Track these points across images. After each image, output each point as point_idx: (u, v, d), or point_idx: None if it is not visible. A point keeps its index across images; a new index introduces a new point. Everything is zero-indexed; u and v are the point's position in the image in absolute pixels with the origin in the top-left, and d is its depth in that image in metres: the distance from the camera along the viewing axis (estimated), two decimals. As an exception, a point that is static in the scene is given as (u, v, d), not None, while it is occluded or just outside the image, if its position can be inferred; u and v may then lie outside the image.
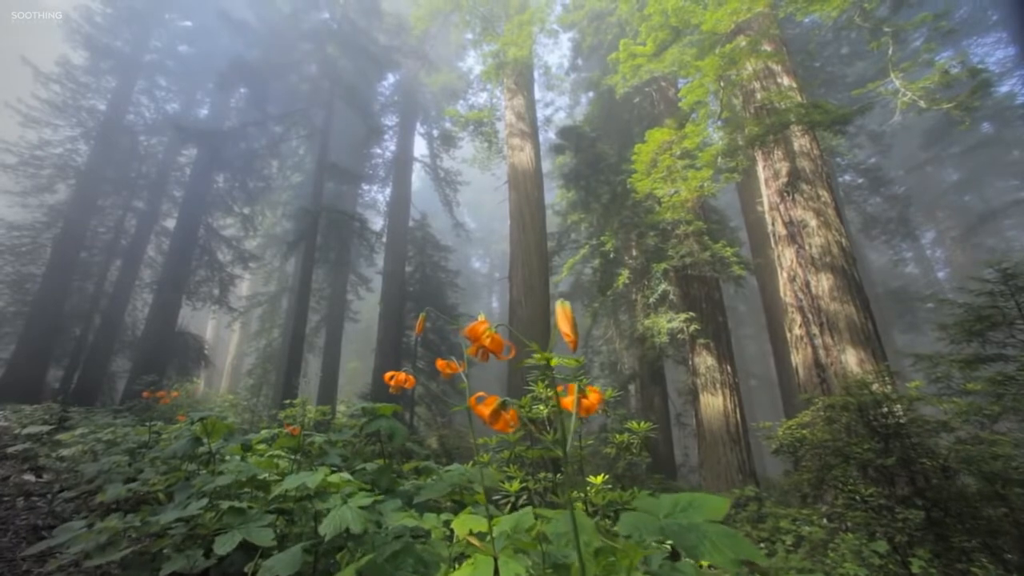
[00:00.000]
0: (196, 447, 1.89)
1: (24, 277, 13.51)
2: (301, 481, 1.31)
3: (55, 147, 14.58)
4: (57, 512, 2.19)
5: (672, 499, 0.77)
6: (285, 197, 18.65)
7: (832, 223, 6.77)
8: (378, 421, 1.63)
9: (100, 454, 2.60)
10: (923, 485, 2.41)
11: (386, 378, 1.46)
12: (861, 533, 2.29)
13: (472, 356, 1.03)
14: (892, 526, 2.16)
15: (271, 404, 12.17)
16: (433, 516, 1.28)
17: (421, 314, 1.30)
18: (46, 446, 3.01)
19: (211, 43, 15.40)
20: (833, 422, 2.99)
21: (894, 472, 2.50)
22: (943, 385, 3.19)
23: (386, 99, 18.31)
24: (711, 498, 0.75)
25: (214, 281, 14.60)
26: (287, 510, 1.48)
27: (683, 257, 9.22)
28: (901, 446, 2.54)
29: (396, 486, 1.52)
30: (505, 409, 0.95)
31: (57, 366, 12.44)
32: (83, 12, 14.64)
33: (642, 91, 12.03)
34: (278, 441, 1.79)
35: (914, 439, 2.59)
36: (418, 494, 1.44)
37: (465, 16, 12.56)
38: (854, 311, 6.08)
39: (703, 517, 0.70)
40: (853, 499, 2.44)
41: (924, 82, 6.47)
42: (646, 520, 0.73)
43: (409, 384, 1.42)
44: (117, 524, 1.48)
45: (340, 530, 1.18)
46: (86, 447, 2.66)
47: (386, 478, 1.50)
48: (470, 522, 1.11)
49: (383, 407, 1.68)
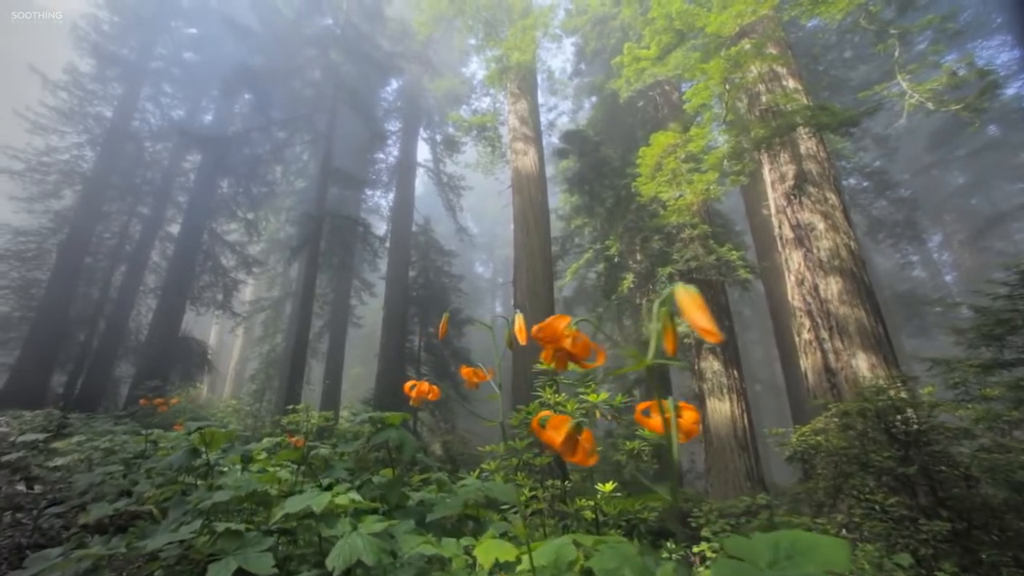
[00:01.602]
0: (193, 458, 1.80)
1: (30, 282, 13.56)
2: (305, 504, 1.22)
3: (62, 153, 14.70)
4: (44, 529, 2.11)
5: (770, 540, 0.61)
6: (289, 202, 18.71)
7: (840, 226, 6.69)
8: (386, 432, 1.54)
9: (96, 463, 2.54)
10: (944, 495, 2.33)
11: (406, 388, 1.36)
12: (881, 544, 2.21)
13: (547, 363, 0.82)
14: (915, 538, 2.08)
15: (274, 409, 12.12)
16: (452, 542, 1.18)
17: (444, 314, 1.21)
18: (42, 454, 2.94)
19: (216, 50, 15.53)
20: (849, 428, 2.90)
21: (915, 481, 2.42)
22: (960, 391, 3.11)
23: (389, 104, 18.39)
24: (821, 540, 0.58)
25: (218, 286, 14.62)
26: (289, 529, 1.38)
27: (688, 261, 9.14)
28: (922, 454, 2.45)
29: (406, 500, 1.44)
30: (580, 433, 0.76)
31: (61, 371, 12.45)
32: (91, 21, 14.81)
33: (646, 95, 12.01)
34: (280, 454, 1.70)
35: (935, 447, 2.51)
36: (431, 510, 1.35)
37: (468, 21, 12.61)
38: (864, 315, 5.99)
39: (818, 567, 0.54)
40: (872, 509, 2.36)
41: (932, 84, 6.41)
42: (746, 573, 0.56)
43: (433, 396, 1.31)
44: (99, 551, 1.35)
45: (351, 562, 1.08)
46: (83, 455, 2.59)
47: (395, 493, 1.41)
48: (495, 549, 0.99)
49: (391, 416, 1.61)
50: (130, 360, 13.71)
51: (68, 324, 12.58)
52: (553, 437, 0.74)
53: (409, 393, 1.32)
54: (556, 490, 2.89)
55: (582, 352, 0.78)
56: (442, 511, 1.26)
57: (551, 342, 0.78)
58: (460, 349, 14.43)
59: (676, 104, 11.70)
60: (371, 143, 15.65)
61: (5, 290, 13.37)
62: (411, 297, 14.44)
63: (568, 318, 0.78)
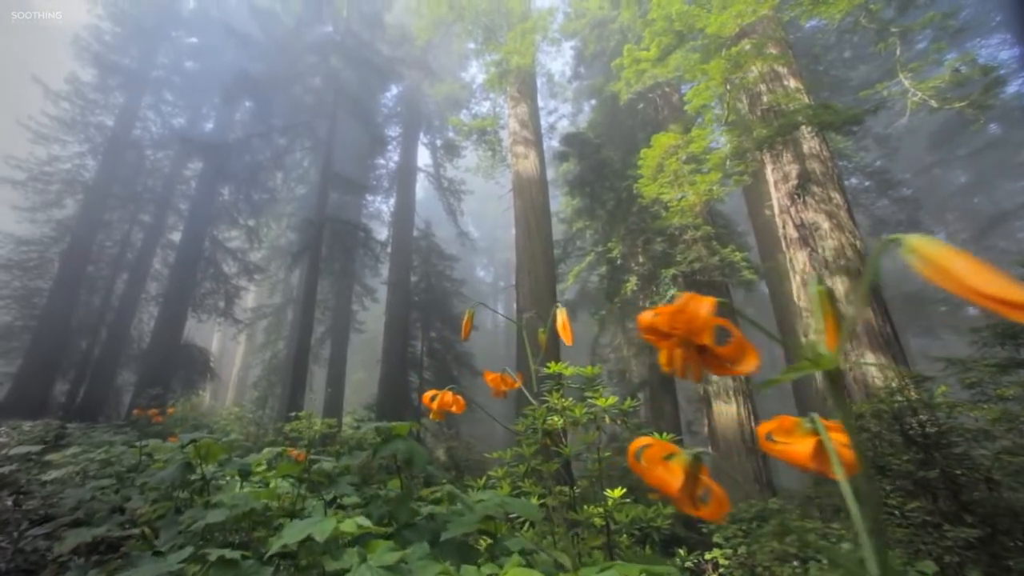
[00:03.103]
0: (188, 473, 1.72)
1: (32, 292, 13.57)
2: (306, 532, 1.10)
3: (63, 163, 14.75)
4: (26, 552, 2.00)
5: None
6: (290, 209, 18.73)
7: (845, 225, 6.64)
8: (393, 443, 1.44)
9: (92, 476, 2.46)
10: (966, 499, 2.26)
11: (425, 399, 1.19)
12: (902, 551, 2.15)
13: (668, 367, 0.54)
14: (940, 544, 2.01)
15: (277, 416, 12.05)
16: (472, 570, 1.07)
17: (469, 311, 1.12)
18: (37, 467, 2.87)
19: (216, 58, 15.60)
20: (863, 431, 2.85)
21: (936, 485, 2.35)
22: (976, 391, 3.04)
23: (389, 110, 18.44)
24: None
25: (219, 293, 14.60)
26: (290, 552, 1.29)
27: (692, 262, 9.09)
28: (944, 457, 2.39)
29: (416, 516, 1.36)
30: (699, 470, 0.54)
31: (63, 380, 12.42)
32: (93, 31, 14.91)
33: (645, 97, 12.01)
34: (280, 467, 1.60)
35: (956, 449, 2.44)
36: (444, 527, 1.26)
37: (467, 26, 12.64)
38: (872, 315, 5.92)
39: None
40: (892, 514, 2.29)
41: (935, 81, 6.38)
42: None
43: (458, 408, 1.14)
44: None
45: (363, 605, 0.97)
46: (78, 468, 2.52)
47: (405, 509, 1.32)
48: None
49: (399, 426, 1.52)
50: (132, 368, 13.67)
51: (70, 333, 12.55)
52: (667, 480, 0.52)
53: (429, 404, 1.15)
54: (565, 497, 2.82)
55: (732, 353, 0.52)
56: (457, 529, 1.16)
57: (690, 334, 0.51)
58: (463, 353, 14.36)
59: (676, 106, 11.69)
60: (371, 148, 15.67)
61: (7, 299, 13.37)
62: (413, 302, 14.40)
63: (712, 300, 0.51)
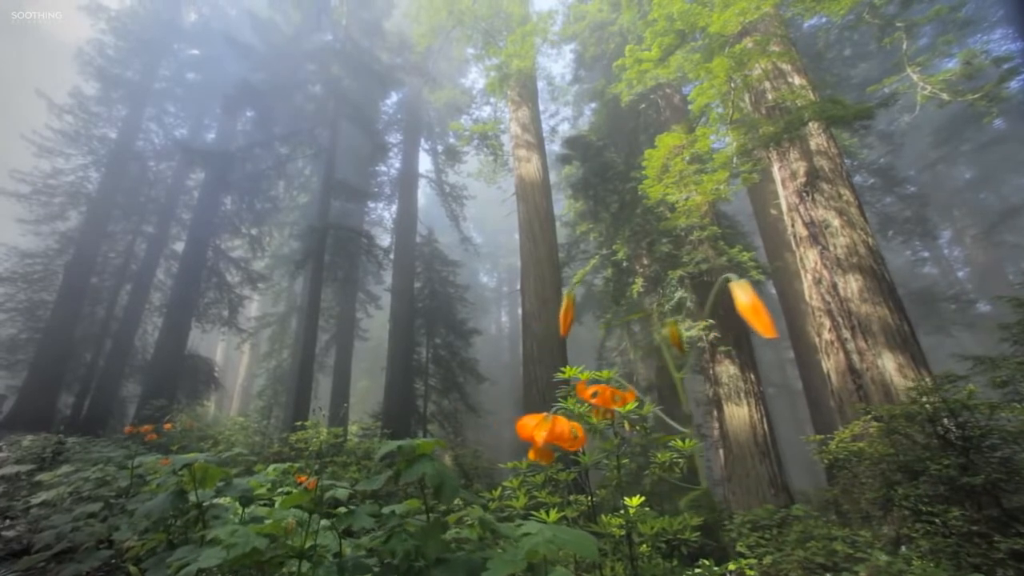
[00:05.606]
0: (180, 503, 1.55)
1: (36, 304, 13.58)
2: None
3: (67, 175, 14.83)
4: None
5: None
6: (292, 217, 18.74)
7: (856, 222, 6.51)
8: (420, 465, 1.20)
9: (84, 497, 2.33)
10: (1012, 506, 2.12)
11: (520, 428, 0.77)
12: (945, 563, 2.01)
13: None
14: (991, 556, 1.88)
15: (282, 426, 11.95)
16: None
17: (568, 294, 0.95)
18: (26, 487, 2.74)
19: (218, 69, 15.68)
20: (894, 433, 2.71)
21: (979, 492, 2.22)
22: (1009, 390, 2.91)
23: (390, 117, 18.47)
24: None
25: (223, 303, 14.57)
26: None
27: (698, 264, 8.96)
28: (987, 461, 2.26)
29: (448, 549, 1.19)
30: None
31: (68, 392, 12.38)
32: (96, 45, 15.03)
33: (647, 98, 11.95)
34: (287, 499, 1.39)
35: (997, 452, 2.31)
36: (484, 565, 1.03)
37: (467, 31, 12.64)
38: (888, 313, 5.78)
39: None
40: (931, 523, 2.16)
41: (944, 75, 6.28)
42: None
43: (577, 445, 0.73)
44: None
45: None
46: (70, 488, 2.40)
47: (435, 543, 1.14)
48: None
49: (423, 444, 1.28)
50: (137, 379, 13.63)
51: (74, 344, 12.53)
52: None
53: (528, 436, 0.72)
54: (583, 507, 2.70)
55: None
56: (500, 571, 1.01)
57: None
58: (467, 360, 14.24)
59: (678, 106, 11.62)
60: (373, 155, 15.66)
61: (12, 312, 13.38)
62: (417, 308, 14.31)
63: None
